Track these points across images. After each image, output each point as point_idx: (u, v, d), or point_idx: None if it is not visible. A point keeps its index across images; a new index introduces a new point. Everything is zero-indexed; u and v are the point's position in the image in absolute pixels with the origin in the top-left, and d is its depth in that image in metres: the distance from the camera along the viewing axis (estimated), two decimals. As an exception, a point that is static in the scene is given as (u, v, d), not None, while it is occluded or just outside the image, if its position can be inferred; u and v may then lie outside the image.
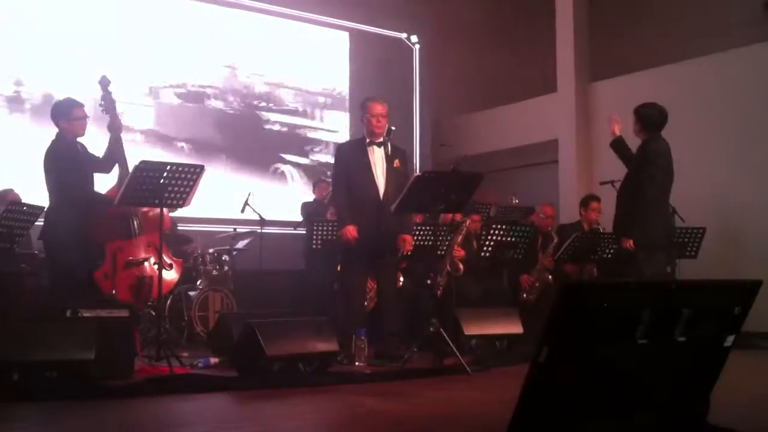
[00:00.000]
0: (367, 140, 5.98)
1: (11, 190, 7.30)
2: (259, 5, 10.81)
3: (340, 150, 6.21)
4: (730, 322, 2.84)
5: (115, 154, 5.79)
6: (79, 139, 5.74)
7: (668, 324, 2.71)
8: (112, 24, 9.56)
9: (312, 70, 11.30)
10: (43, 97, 8.84)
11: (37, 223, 6.06)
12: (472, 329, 6.26)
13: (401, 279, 6.87)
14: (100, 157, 5.85)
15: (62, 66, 9.08)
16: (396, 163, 5.96)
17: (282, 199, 10.39)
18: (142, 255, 5.79)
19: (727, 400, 3.30)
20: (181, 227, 8.30)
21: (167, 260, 5.91)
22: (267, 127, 10.85)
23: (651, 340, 2.67)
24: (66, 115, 5.65)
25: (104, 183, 5.91)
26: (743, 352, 3.83)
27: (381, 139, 5.93)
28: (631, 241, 5.97)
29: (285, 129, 11.00)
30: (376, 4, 11.70)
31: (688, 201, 7.58)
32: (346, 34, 11.74)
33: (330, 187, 8.80)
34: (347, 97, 11.50)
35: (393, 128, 5.90)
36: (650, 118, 6.14)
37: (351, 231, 5.80)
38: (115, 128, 5.82)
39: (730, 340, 2.87)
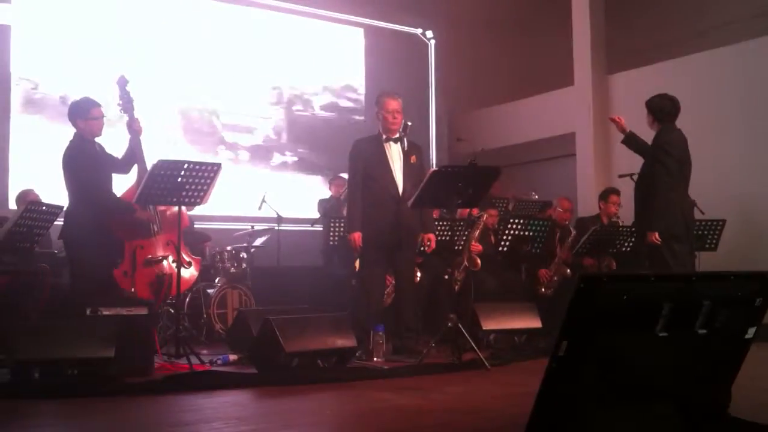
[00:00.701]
0: (384, 136, 5.97)
1: (31, 191, 7.35)
2: (274, 3, 10.82)
3: (357, 146, 6.14)
4: (751, 313, 2.82)
5: (134, 154, 5.81)
6: (96, 140, 5.77)
7: (689, 316, 2.69)
8: (128, 23, 9.61)
9: (327, 67, 11.30)
10: (61, 98, 8.89)
11: (57, 223, 6.10)
12: (490, 324, 6.26)
13: (418, 274, 6.85)
14: (119, 157, 5.87)
15: (81, 66, 9.13)
16: (413, 158, 5.97)
17: (298, 195, 10.39)
18: (161, 253, 5.82)
19: (748, 392, 3.28)
20: (198, 225, 8.33)
21: (186, 258, 5.93)
22: (283, 122, 10.86)
23: (671, 333, 2.65)
24: (83, 114, 5.67)
25: (123, 182, 5.94)
26: (765, 344, 3.80)
27: (397, 135, 5.93)
28: (656, 234, 5.94)
29: (300, 125, 11.01)
30: (391, 1, 11.69)
31: (707, 193, 7.52)
32: (361, 31, 11.73)
33: (346, 183, 8.83)
34: (363, 94, 11.49)
35: (409, 123, 5.90)
36: (662, 109, 6.12)
37: (357, 239, 5.81)
38: (134, 129, 5.83)
39: (751, 332, 2.85)
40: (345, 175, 9.01)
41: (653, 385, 2.75)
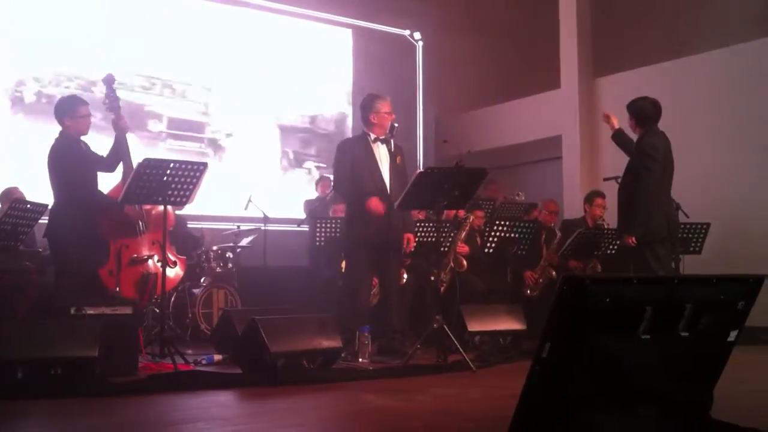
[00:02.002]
0: (372, 137, 5.98)
1: (16, 188, 7.30)
2: (262, 3, 10.81)
3: (345, 145, 6.16)
4: (733, 317, 2.84)
5: (119, 152, 5.79)
6: (82, 138, 5.74)
7: (671, 319, 2.71)
8: (114, 21, 9.58)
9: (315, 68, 11.30)
10: (48, 96, 8.84)
11: (41, 221, 6.07)
12: (475, 325, 6.27)
13: (404, 275, 6.86)
14: (104, 156, 5.85)
15: (67, 64, 9.09)
16: (398, 159, 5.99)
17: (285, 195, 10.38)
18: (147, 252, 5.79)
19: (730, 395, 3.30)
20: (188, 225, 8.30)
21: (171, 257, 5.91)
22: (271, 123, 10.85)
23: (654, 336, 2.66)
24: (70, 112, 5.65)
25: (108, 181, 5.91)
26: (747, 347, 3.83)
27: (384, 136, 5.94)
28: (633, 237, 5.96)
29: (288, 125, 11.01)
30: (379, 2, 11.70)
31: (692, 196, 7.56)
32: (349, 32, 11.74)
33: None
34: (350, 94, 11.50)
35: (396, 125, 5.91)
36: (643, 111, 6.13)
37: (376, 203, 5.76)
38: (120, 127, 5.81)
39: (733, 335, 2.87)
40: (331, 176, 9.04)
41: (636, 387, 2.76)
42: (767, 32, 8.74)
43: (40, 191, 6.22)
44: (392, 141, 5.90)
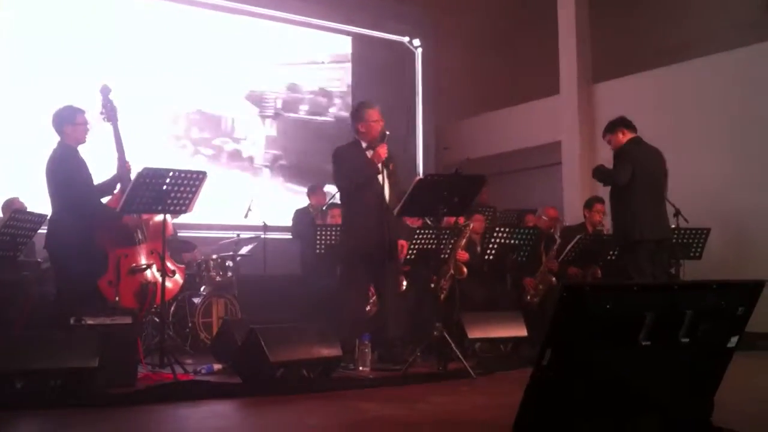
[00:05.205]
0: (365, 145, 5.93)
1: (16, 199, 7.29)
2: (262, 11, 10.83)
3: (341, 151, 6.04)
4: (733, 323, 2.84)
5: (121, 183, 5.72)
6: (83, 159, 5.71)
7: (672, 326, 2.70)
8: (110, 31, 9.60)
9: (315, 75, 11.31)
10: (39, 106, 8.81)
11: (41, 231, 6.06)
12: (476, 333, 6.25)
13: (404, 283, 6.85)
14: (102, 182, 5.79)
15: (61, 74, 9.08)
16: (391, 166, 5.93)
17: (284, 203, 10.38)
18: (146, 262, 5.77)
19: (731, 401, 3.29)
20: (184, 233, 8.27)
21: (170, 267, 5.90)
22: (270, 130, 10.86)
23: (654, 342, 2.66)
24: (71, 120, 5.62)
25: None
26: (747, 353, 3.83)
27: (374, 144, 5.88)
28: None
29: (287, 133, 11.02)
30: (379, 9, 11.73)
31: (692, 201, 7.56)
32: (348, 39, 11.75)
33: (326, 195, 8.78)
34: (350, 101, 11.50)
35: (387, 132, 5.86)
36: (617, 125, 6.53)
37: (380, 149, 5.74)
38: (124, 168, 5.73)
39: (733, 341, 2.87)
40: (324, 187, 8.98)
41: (636, 393, 2.76)
42: (764, 37, 8.74)
43: (37, 201, 6.19)
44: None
